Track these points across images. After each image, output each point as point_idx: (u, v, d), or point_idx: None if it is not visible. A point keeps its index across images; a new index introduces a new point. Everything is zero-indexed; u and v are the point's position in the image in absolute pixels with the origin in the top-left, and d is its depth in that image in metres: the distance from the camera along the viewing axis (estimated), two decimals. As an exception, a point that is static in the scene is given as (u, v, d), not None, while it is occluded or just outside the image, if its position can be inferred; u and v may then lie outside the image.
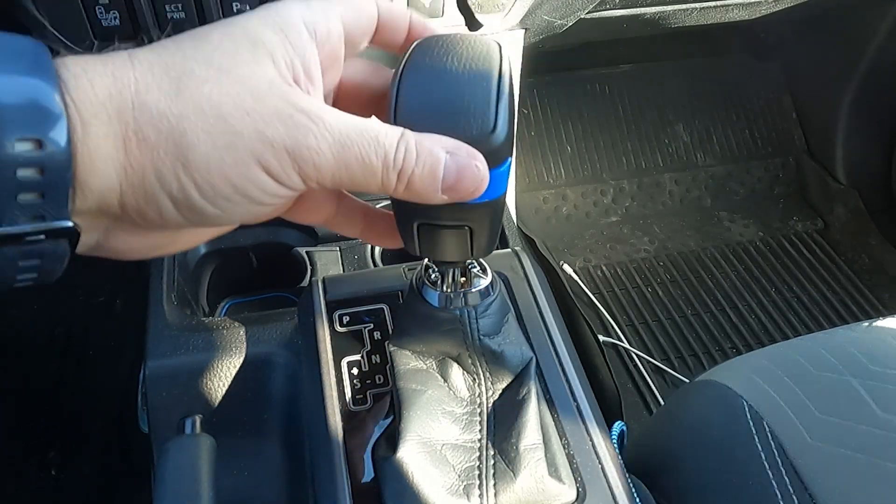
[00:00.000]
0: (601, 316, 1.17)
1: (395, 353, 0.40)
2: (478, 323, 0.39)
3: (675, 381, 1.08)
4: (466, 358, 0.39)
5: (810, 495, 0.44)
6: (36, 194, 0.22)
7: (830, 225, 1.37)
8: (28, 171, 0.21)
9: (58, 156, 0.22)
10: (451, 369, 0.39)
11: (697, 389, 0.54)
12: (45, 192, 0.22)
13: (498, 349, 0.40)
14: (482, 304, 0.39)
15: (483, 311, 0.39)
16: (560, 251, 1.28)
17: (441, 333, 0.39)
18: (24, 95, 0.21)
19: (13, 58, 0.22)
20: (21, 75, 0.21)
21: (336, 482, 0.37)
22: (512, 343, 0.41)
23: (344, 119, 0.25)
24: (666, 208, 1.38)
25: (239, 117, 0.24)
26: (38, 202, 0.22)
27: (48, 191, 0.22)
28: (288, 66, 0.26)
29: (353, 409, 0.42)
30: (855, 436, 0.46)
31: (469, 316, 0.38)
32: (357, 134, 0.25)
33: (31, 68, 0.22)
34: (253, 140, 0.24)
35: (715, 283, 1.25)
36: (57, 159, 0.22)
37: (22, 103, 0.21)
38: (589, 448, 0.40)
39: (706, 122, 1.44)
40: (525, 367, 0.41)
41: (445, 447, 0.37)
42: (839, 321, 1.20)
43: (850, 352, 0.53)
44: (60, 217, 0.23)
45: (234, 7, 0.51)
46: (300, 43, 0.26)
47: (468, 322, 0.38)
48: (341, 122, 0.25)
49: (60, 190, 0.22)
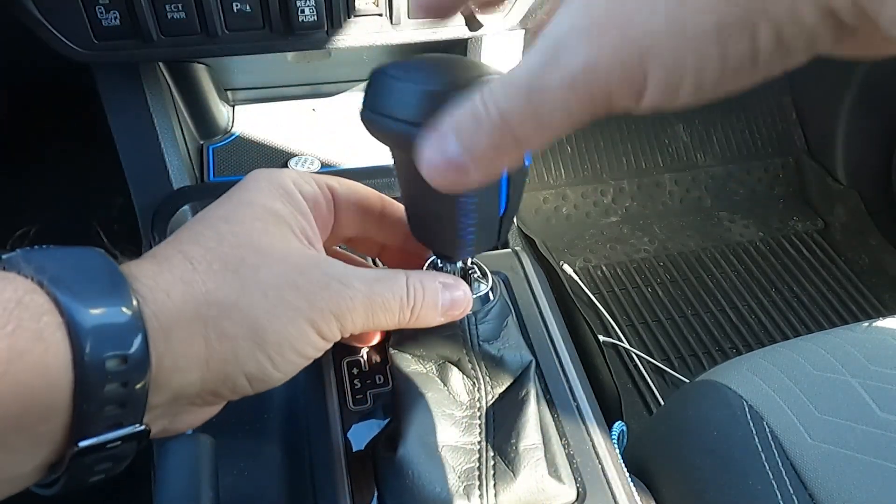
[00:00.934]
0: (601, 316, 1.17)
1: (395, 355, 0.40)
2: (477, 328, 0.39)
3: (675, 381, 1.08)
4: (466, 363, 0.40)
5: (810, 495, 0.44)
6: (119, 406, 0.24)
7: (830, 225, 1.37)
8: (114, 386, 0.23)
9: (140, 369, 0.24)
10: (450, 374, 0.40)
11: (697, 389, 0.54)
12: (127, 403, 0.24)
13: (498, 354, 0.40)
14: (482, 310, 0.39)
15: (483, 316, 0.39)
16: (560, 251, 1.28)
17: (441, 338, 0.39)
18: (110, 318, 0.23)
19: (92, 280, 0.24)
20: (104, 297, 0.23)
21: (336, 482, 0.37)
22: (511, 347, 0.41)
23: (364, 277, 0.30)
24: (666, 208, 1.38)
25: (294, 295, 0.28)
26: (119, 412, 0.24)
27: (129, 401, 0.24)
28: (302, 231, 0.30)
29: (353, 409, 0.42)
30: (855, 436, 0.46)
31: (469, 322, 0.38)
32: (378, 286, 0.30)
33: (112, 289, 0.24)
34: (307, 310, 0.28)
35: (715, 283, 1.25)
36: (139, 372, 0.24)
37: (109, 325, 0.23)
38: (589, 448, 0.39)
39: (706, 122, 1.44)
40: (524, 370, 0.41)
41: (445, 449, 0.37)
42: (839, 321, 1.20)
43: (850, 352, 0.53)
44: (136, 422, 0.25)
45: (235, 7, 0.51)
46: (303, 209, 0.31)
47: (468, 328, 0.39)
48: (364, 280, 0.30)
49: (139, 399, 0.24)
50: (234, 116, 0.78)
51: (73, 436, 0.23)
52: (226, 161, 0.72)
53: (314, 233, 0.32)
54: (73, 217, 1.15)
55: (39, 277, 0.23)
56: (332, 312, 0.29)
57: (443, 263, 0.38)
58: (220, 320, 0.26)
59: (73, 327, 0.22)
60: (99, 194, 1.15)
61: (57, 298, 0.23)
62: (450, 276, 0.35)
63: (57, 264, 0.24)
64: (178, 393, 0.27)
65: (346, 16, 0.54)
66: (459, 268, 0.38)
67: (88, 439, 0.23)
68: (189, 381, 0.26)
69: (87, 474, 0.25)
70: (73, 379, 0.22)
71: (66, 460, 0.24)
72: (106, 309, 0.23)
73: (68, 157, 1.20)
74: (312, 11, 0.52)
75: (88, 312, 0.23)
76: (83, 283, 0.23)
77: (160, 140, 0.64)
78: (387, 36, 0.57)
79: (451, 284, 0.34)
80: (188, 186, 0.65)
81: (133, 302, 0.24)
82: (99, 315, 0.23)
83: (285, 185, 0.31)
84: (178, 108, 0.69)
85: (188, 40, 0.52)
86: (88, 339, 0.22)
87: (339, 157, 0.73)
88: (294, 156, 0.72)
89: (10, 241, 0.25)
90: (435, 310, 0.33)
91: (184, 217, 0.60)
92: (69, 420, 0.23)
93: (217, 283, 0.27)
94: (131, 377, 0.23)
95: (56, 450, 0.24)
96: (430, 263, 0.38)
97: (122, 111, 0.63)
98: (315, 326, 0.29)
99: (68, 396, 0.23)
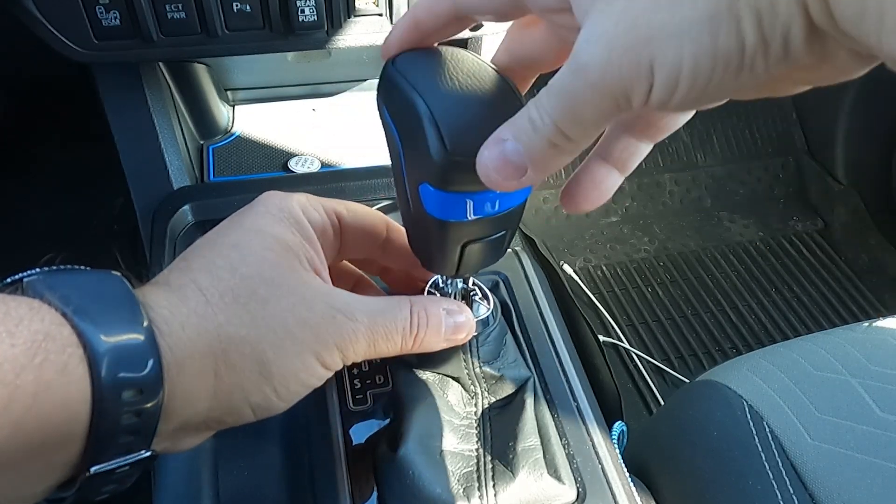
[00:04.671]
0: (601, 316, 1.17)
1: (394, 365, 0.40)
2: (478, 351, 0.39)
3: (675, 381, 1.08)
4: (466, 380, 0.40)
5: (810, 495, 0.44)
6: (131, 434, 0.24)
7: (830, 225, 1.37)
8: (128, 416, 0.24)
9: (153, 399, 0.24)
10: (449, 387, 0.40)
11: (697, 389, 0.54)
12: (139, 431, 0.25)
13: (498, 373, 0.40)
14: (483, 333, 0.39)
15: (484, 339, 0.39)
16: (560, 251, 1.28)
17: (441, 359, 0.39)
18: (128, 350, 0.24)
19: (114, 310, 0.24)
20: (124, 327, 0.24)
21: (336, 482, 0.37)
22: (511, 365, 0.41)
23: (368, 308, 0.31)
24: (666, 208, 1.38)
25: (300, 328, 0.29)
26: (131, 440, 0.25)
27: (141, 430, 0.25)
28: (310, 261, 0.31)
29: (353, 409, 0.42)
30: (855, 436, 0.46)
31: (470, 344, 0.39)
32: (381, 317, 0.31)
33: (132, 320, 0.24)
34: (312, 343, 0.29)
35: (715, 283, 1.25)
36: (152, 402, 0.24)
37: (127, 356, 0.24)
38: (589, 448, 0.39)
39: (706, 122, 1.44)
40: (523, 385, 0.41)
41: (444, 453, 0.37)
42: (839, 321, 1.20)
43: (850, 352, 0.53)
44: (145, 448, 0.26)
45: (235, 7, 0.51)
46: (311, 238, 0.32)
47: (469, 350, 0.39)
48: (368, 312, 0.31)
49: (151, 427, 0.25)
50: (234, 116, 0.78)
51: (87, 462, 0.24)
52: (226, 161, 0.72)
53: (321, 261, 0.32)
54: (73, 217, 1.15)
55: (64, 309, 0.23)
56: (336, 344, 0.30)
57: (444, 283, 0.38)
58: (230, 353, 0.27)
59: (93, 360, 0.23)
60: (99, 194, 1.15)
61: (80, 331, 0.23)
62: (453, 301, 0.35)
63: (80, 293, 0.24)
64: (186, 422, 0.27)
65: (346, 16, 0.54)
66: (461, 288, 0.38)
67: (100, 465, 0.24)
68: (197, 410, 0.27)
69: (94, 494, 0.26)
70: (90, 409, 0.23)
71: (77, 483, 0.24)
72: (125, 339, 0.24)
73: (68, 158, 1.20)
74: (312, 11, 0.52)
75: (108, 344, 0.23)
76: (105, 314, 0.24)
77: (160, 140, 0.64)
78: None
79: (454, 311, 0.35)
80: (188, 186, 0.65)
81: (151, 334, 0.25)
82: (118, 347, 0.23)
83: (294, 213, 0.32)
84: (178, 108, 0.69)
85: (188, 40, 0.52)
86: (108, 370, 0.23)
87: (339, 157, 0.73)
88: (294, 156, 0.72)
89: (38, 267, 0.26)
90: (438, 336, 0.34)
91: (184, 217, 0.60)
92: (84, 447, 0.24)
93: (228, 317, 0.27)
94: (145, 408, 0.24)
95: (69, 474, 0.24)
96: (431, 284, 0.38)
97: (122, 111, 0.63)
98: (319, 358, 0.29)
99: (85, 427, 0.23)
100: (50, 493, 0.25)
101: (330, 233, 0.34)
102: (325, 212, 0.34)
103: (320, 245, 0.33)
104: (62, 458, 0.24)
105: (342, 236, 0.35)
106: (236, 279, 0.28)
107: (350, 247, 0.36)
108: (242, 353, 0.27)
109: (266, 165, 0.72)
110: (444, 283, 0.37)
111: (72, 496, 0.25)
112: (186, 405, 0.26)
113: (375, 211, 0.37)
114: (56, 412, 0.22)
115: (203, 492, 0.38)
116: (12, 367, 0.21)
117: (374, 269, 0.40)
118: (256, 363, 0.28)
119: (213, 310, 0.27)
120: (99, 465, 0.24)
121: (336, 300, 0.30)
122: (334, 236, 0.35)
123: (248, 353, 0.27)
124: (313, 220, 0.33)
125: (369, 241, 0.37)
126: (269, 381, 0.28)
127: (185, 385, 0.26)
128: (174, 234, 0.58)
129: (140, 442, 0.25)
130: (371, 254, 0.37)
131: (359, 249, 0.37)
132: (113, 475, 0.25)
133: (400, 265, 0.39)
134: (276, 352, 0.28)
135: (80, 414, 0.23)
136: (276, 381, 0.28)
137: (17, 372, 0.21)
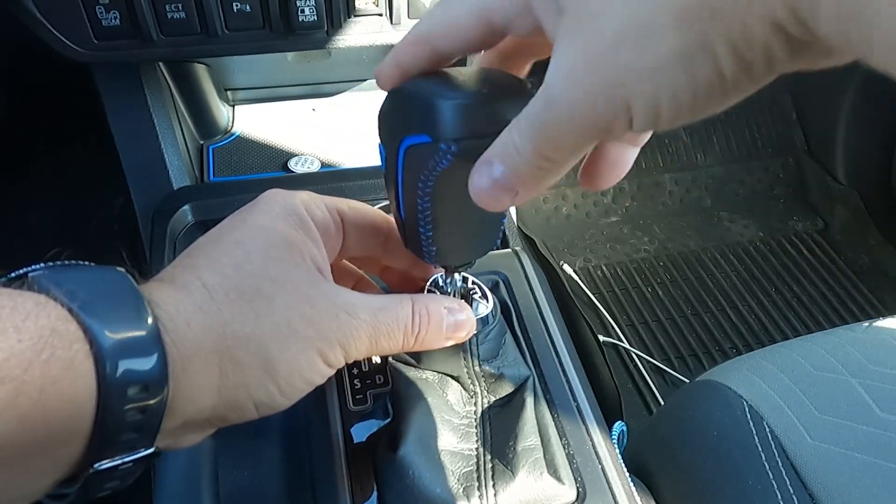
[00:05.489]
0: (601, 316, 1.17)
1: (394, 365, 0.40)
2: (478, 349, 0.39)
3: (675, 381, 1.08)
4: (466, 379, 0.40)
5: (810, 495, 0.44)
6: (135, 431, 0.24)
7: (830, 225, 1.37)
8: (133, 413, 0.24)
9: (158, 396, 0.24)
10: (449, 385, 0.40)
11: (697, 389, 0.54)
12: (143, 428, 0.25)
13: (497, 372, 0.40)
14: (483, 332, 0.39)
15: (484, 337, 0.39)
16: (560, 251, 1.28)
17: (441, 358, 0.39)
18: (133, 347, 0.24)
19: (119, 307, 0.24)
20: (129, 324, 0.24)
21: (336, 482, 0.37)
22: (510, 364, 0.41)
23: (370, 306, 0.31)
24: (666, 208, 1.38)
25: (304, 326, 0.29)
26: (135, 437, 0.25)
27: (145, 427, 0.25)
28: (313, 259, 0.31)
29: (353, 409, 0.42)
30: (854, 436, 0.46)
31: (469, 343, 0.39)
32: (383, 314, 0.31)
33: (137, 317, 0.24)
34: (316, 340, 0.29)
35: (715, 283, 1.25)
36: (157, 400, 0.24)
37: (132, 353, 0.24)
38: (589, 448, 0.39)
39: (706, 122, 1.44)
40: (522, 384, 0.41)
41: (444, 453, 0.37)
42: (839, 321, 1.20)
43: (850, 352, 0.53)
44: (148, 445, 0.26)
45: (235, 7, 0.51)
46: (314, 236, 0.32)
47: (468, 348, 0.39)
48: (370, 310, 0.31)
49: (155, 424, 0.25)
50: (234, 116, 0.78)
51: (90, 458, 0.24)
52: (226, 161, 0.72)
53: (323, 259, 0.32)
54: (73, 217, 1.15)
55: (70, 304, 0.23)
56: (339, 341, 0.30)
57: (444, 282, 0.38)
58: (235, 350, 0.27)
59: (99, 356, 0.23)
60: (99, 194, 1.15)
61: (87, 327, 0.23)
62: (454, 300, 0.36)
63: (86, 289, 0.24)
64: (189, 419, 0.27)
65: (346, 16, 0.54)
66: (461, 287, 0.38)
67: (104, 462, 0.24)
68: (201, 407, 0.27)
69: (97, 490, 0.26)
70: (95, 406, 0.23)
71: (80, 480, 0.24)
72: (130, 337, 0.24)
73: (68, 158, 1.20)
74: (312, 11, 0.52)
75: (114, 341, 0.23)
76: (111, 311, 0.24)
77: (160, 140, 0.64)
78: (387, 36, 0.57)
79: (455, 309, 0.35)
80: (188, 186, 0.65)
81: (156, 330, 0.25)
82: (123, 344, 0.23)
83: (298, 211, 0.32)
84: (178, 108, 0.69)
85: (188, 40, 0.52)
86: (113, 367, 0.23)
87: (339, 157, 0.73)
88: (294, 156, 0.72)
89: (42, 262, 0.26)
90: (440, 334, 0.34)
91: (184, 217, 0.60)
92: (88, 443, 0.24)
93: (233, 314, 0.27)
94: (149, 404, 0.24)
95: (72, 470, 0.24)
96: (431, 283, 0.39)
97: (122, 111, 0.63)
98: (322, 355, 0.30)
99: (90, 423, 0.23)
100: (53, 490, 0.25)
101: (332, 230, 0.34)
102: (328, 209, 0.34)
103: (322, 243, 0.33)
104: (66, 454, 0.24)
105: (344, 234, 0.36)
106: (241, 276, 0.28)
107: (352, 245, 0.36)
108: (247, 351, 0.27)
109: (266, 165, 0.72)
110: (444, 281, 0.38)
111: (74, 492, 0.25)
112: (191, 402, 0.26)
113: (377, 209, 0.37)
114: (62, 408, 0.22)
115: (203, 491, 0.38)
116: (19, 362, 0.21)
117: (375, 269, 0.41)
118: (261, 361, 0.28)
119: (217, 307, 0.27)
120: (102, 461, 0.24)
121: (339, 298, 0.31)
122: (337, 234, 0.35)
123: (254, 351, 0.28)
124: (316, 218, 0.33)
125: (371, 239, 0.37)
126: (273, 379, 0.28)
127: (190, 382, 0.26)
128: (174, 234, 0.58)
129: (144, 439, 0.25)
130: (372, 252, 0.38)
131: (360, 247, 0.37)
132: (115, 472, 0.25)
133: (400, 264, 0.39)
134: (280, 349, 0.28)
135: (86, 410, 0.23)
136: (281, 378, 0.28)
137: (24, 367, 0.21)
